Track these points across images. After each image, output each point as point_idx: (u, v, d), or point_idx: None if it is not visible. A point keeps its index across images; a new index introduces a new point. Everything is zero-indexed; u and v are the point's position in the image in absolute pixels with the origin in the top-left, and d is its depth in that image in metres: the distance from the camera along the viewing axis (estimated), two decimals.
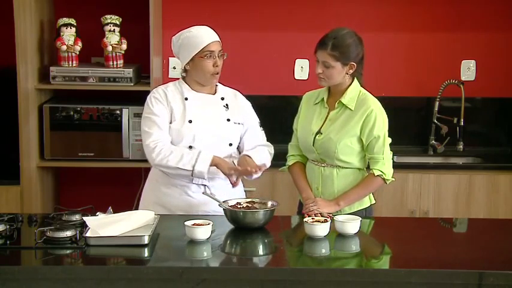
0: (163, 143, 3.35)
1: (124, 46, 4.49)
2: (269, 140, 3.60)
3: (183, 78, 3.49)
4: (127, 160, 4.45)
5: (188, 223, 2.93)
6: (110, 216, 3.02)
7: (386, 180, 3.37)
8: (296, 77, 4.90)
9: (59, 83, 4.46)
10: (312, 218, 3.05)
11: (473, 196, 4.48)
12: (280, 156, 3.65)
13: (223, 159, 3.37)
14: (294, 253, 3.00)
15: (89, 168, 4.65)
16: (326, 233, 2.97)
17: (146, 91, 3.55)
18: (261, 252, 2.99)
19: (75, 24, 4.49)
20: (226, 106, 3.49)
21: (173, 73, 4.80)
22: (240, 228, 3.09)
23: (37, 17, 4.43)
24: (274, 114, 4.76)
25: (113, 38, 4.48)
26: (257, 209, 3.15)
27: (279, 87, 4.89)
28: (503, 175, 4.49)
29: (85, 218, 2.96)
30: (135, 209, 3.41)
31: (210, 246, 2.89)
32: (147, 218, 3.01)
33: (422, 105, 4.98)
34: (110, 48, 4.46)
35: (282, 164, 3.59)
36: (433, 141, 4.85)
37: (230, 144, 3.46)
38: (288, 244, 3.07)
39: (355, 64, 3.32)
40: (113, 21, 4.48)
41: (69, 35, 4.46)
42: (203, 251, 2.88)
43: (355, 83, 3.38)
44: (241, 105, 3.55)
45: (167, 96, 3.42)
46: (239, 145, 3.53)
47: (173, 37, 3.47)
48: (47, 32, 4.60)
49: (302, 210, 3.38)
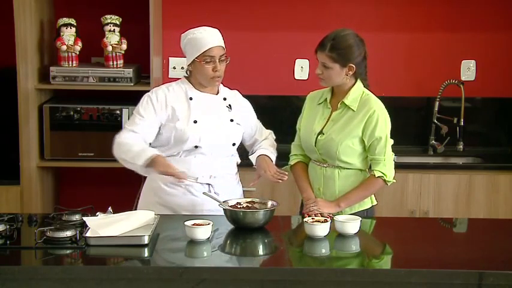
0: (128, 139, 3.37)
1: (124, 46, 4.49)
2: None
3: (187, 77, 3.50)
4: None
5: (188, 223, 2.93)
6: (110, 216, 3.02)
7: (387, 181, 3.36)
8: (296, 77, 4.90)
9: (59, 83, 4.46)
10: (312, 218, 3.05)
11: (473, 196, 4.48)
12: (280, 156, 3.64)
13: (164, 159, 3.30)
14: (294, 253, 3.00)
15: (89, 168, 4.65)
16: (326, 233, 2.97)
17: (146, 91, 3.55)
18: (261, 252, 2.99)
19: (75, 24, 4.49)
20: (229, 106, 3.50)
21: (173, 73, 4.80)
22: (240, 228, 3.09)
23: (37, 17, 4.43)
24: (274, 114, 4.76)
25: (113, 38, 4.48)
26: (257, 209, 3.16)
27: (279, 87, 4.89)
28: (503, 175, 4.49)
29: (85, 218, 2.97)
30: (135, 209, 3.42)
31: (210, 246, 2.90)
32: (147, 218, 3.01)
33: (422, 105, 4.98)
34: (110, 48, 4.46)
35: (283, 164, 3.59)
36: (433, 141, 4.85)
37: (233, 144, 3.49)
38: (288, 244, 3.07)
39: (354, 66, 3.31)
40: (113, 21, 4.48)
41: (69, 35, 4.47)
42: (203, 251, 2.88)
43: (358, 84, 3.38)
44: (242, 105, 3.58)
45: (167, 98, 3.43)
46: (252, 142, 3.60)
47: (182, 34, 3.48)
48: (47, 32, 4.60)
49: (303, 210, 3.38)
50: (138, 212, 3.09)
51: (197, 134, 3.39)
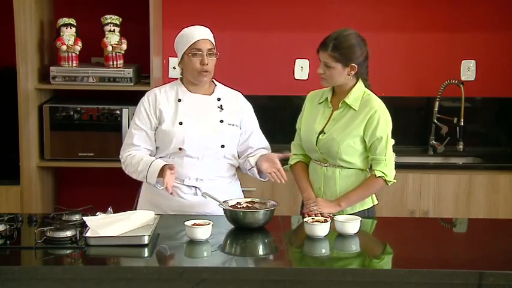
0: (132, 155, 3.41)
1: (124, 46, 4.49)
2: (269, 140, 3.59)
3: (181, 79, 3.49)
4: None
5: (188, 223, 2.93)
6: (110, 216, 3.02)
7: (387, 181, 3.36)
8: (296, 77, 4.90)
9: (59, 83, 4.46)
10: (312, 218, 3.05)
11: (473, 196, 4.48)
12: None
13: (170, 169, 3.26)
14: (294, 253, 3.00)
15: (89, 168, 4.65)
16: (326, 233, 2.97)
17: (146, 91, 3.55)
18: (261, 252, 2.99)
19: (75, 24, 4.49)
20: (220, 107, 3.46)
21: (173, 73, 4.80)
22: (240, 228, 3.09)
23: (37, 17, 4.43)
24: (274, 114, 4.76)
25: (113, 38, 4.48)
26: (257, 209, 3.15)
27: (279, 87, 4.89)
28: (503, 175, 4.49)
29: (85, 218, 2.97)
30: (135, 209, 3.42)
31: (210, 246, 2.89)
32: (147, 218, 3.01)
33: (422, 105, 4.98)
34: (110, 48, 4.46)
35: (283, 164, 3.58)
36: (433, 141, 4.85)
37: (222, 146, 3.41)
38: (288, 244, 3.07)
39: (356, 66, 3.31)
40: (113, 21, 4.48)
41: (69, 35, 4.47)
42: (203, 251, 2.88)
43: (359, 84, 3.38)
44: (241, 106, 3.52)
45: (157, 100, 3.43)
46: (243, 149, 3.51)
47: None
48: (47, 32, 4.60)
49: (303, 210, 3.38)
50: (138, 212, 3.08)
51: (181, 136, 3.36)
